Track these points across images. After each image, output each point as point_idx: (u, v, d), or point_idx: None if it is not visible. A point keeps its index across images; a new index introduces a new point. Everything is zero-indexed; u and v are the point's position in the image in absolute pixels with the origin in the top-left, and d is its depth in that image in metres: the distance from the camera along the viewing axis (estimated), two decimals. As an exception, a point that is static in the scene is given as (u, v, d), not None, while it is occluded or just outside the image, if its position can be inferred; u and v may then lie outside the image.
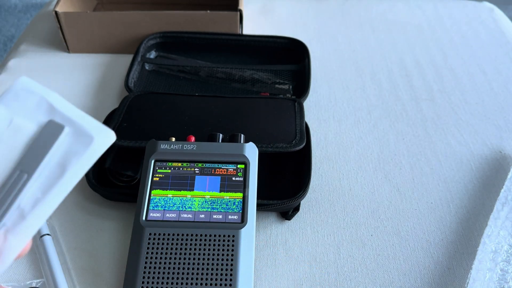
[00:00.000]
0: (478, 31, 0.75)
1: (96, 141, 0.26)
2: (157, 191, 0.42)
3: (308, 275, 0.43)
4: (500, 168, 0.52)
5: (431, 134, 0.57)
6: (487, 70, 0.67)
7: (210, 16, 0.65)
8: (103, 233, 0.46)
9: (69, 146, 0.26)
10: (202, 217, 0.41)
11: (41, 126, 0.26)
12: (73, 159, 0.26)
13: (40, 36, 0.72)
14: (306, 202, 0.48)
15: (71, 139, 0.26)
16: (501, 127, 0.58)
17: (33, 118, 0.27)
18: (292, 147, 0.48)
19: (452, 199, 0.49)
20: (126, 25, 0.65)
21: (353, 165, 0.53)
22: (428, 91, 0.63)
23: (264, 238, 0.45)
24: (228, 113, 0.52)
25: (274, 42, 0.66)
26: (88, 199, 0.48)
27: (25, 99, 0.27)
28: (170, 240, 0.39)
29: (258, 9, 0.79)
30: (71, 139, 0.26)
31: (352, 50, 0.71)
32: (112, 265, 0.43)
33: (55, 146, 0.26)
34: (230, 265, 0.38)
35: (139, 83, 0.61)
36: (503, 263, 0.42)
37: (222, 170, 0.44)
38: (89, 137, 0.26)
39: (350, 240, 0.45)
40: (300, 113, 0.52)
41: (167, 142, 0.44)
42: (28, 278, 0.42)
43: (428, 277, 0.43)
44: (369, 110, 0.60)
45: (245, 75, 0.62)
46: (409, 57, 0.69)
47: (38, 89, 0.28)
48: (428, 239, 0.46)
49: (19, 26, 1.77)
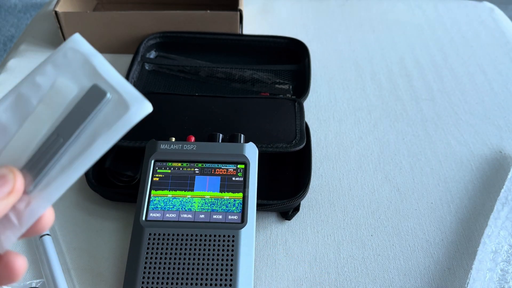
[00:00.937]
0: (478, 31, 0.75)
1: (130, 111, 0.25)
2: (157, 191, 0.42)
3: (308, 275, 0.43)
4: (500, 168, 0.52)
5: (431, 134, 0.57)
6: (487, 70, 0.67)
7: (210, 16, 0.65)
8: (103, 233, 0.46)
9: (104, 114, 0.25)
10: (202, 217, 0.41)
11: (83, 89, 0.26)
12: (104, 128, 0.25)
13: (40, 36, 0.72)
14: (306, 202, 0.48)
15: (109, 107, 0.25)
16: (501, 127, 0.58)
17: (76, 79, 0.26)
18: (292, 147, 0.48)
19: (452, 199, 0.49)
20: (126, 25, 0.65)
21: (353, 165, 0.53)
22: (428, 91, 0.63)
23: (264, 238, 0.45)
24: (228, 113, 0.52)
25: (274, 42, 0.66)
26: (88, 199, 0.48)
27: (71, 59, 0.26)
28: (170, 240, 0.39)
29: (258, 9, 0.79)
30: (109, 107, 0.25)
31: (352, 50, 0.70)
32: (112, 265, 0.43)
33: (93, 113, 0.25)
34: (230, 265, 0.38)
35: (139, 83, 0.61)
36: (503, 263, 0.42)
37: (222, 170, 0.43)
38: (125, 106, 0.25)
39: (350, 240, 0.45)
40: (300, 113, 0.52)
41: (167, 142, 0.44)
42: (28, 278, 0.42)
43: (428, 277, 0.43)
44: (369, 110, 0.60)
45: (245, 75, 0.62)
46: (409, 57, 0.69)
47: (85, 48, 0.27)
48: (428, 239, 0.46)
49: (19, 26, 1.77)
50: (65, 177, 0.25)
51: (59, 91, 0.26)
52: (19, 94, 0.26)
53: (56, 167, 0.25)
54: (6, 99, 0.26)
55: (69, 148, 0.25)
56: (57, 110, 0.25)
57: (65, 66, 0.26)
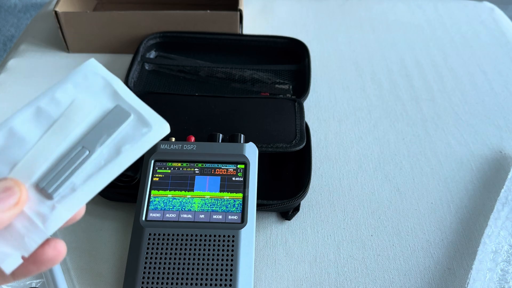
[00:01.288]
0: (479, 31, 0.75)
1: (153, 130, 0.28)
2: (157, 191, 0.42)
3: (308, 275, 0.43)
4: (500, 168, 0.52)
5: (431, 134, 0.57)
6: (487, 70, 0.67)
7: (210, 16, 0.65)
8: (103, 233, 0.46)
9: (128, 132, 0.28)
10: (202, 217, 0.41)
11: (105, 108, 0.28)
12: (129, 144, 0.27)
13: (40, 36, 0.72)
14: (306, 202, 0.48)
15: (131, 125, 0.28)
16: (501, 127, 0.58)
17: (97, 99, 0.28)
18: (292, 147, 0.48)
19: (452, 199, 0.49)
20: (126, 25, 0.65)
21: (353, 165, 0.53)
22: (428, 91, 0.63)
23: (264, 238, 0.45)
24: (228, 113, 0.52)
25: (274, 42, 0.66)
26: (88, 199, 0.48)
27: (92, 81, 0.29)
28: (170, 240, 0.39)
29: (258, 9, 0.79)
30: (131, 125, 0.28)
31: (352, 50, 0.70)
32: (112, 265, 0.43)
33: (118, 130, 0.27)
34: (230, 266, 0.38)
35: (139, 83, 0.61)
36: (503, 263, 0.42)
37: (222, 170, 0.43)
38: (148, 126, 0.28)
39: (350, 240, 0.45)
40: (300, 113, 0.52)
41: (167, 142, 0.44)
42: (28, 278, 0.42)
43: (428, 277, 0.43)
44: (369, 110, 0.60)
45: (245, 75, 0.62)
46: (409, 57, 0.69)
47: (105, 74, 0.29)
48: (428, 239, 0.46)
49: (18, 26, 1.77)
50: (92, 185, 0.27)
51: (80, 108, 0.28)
52: (39, 108, 0.27)
53: (81, 175, 0.27)
54: (25, 112, 0.27)
55: (94, 160, 0.27)
56: (77, 125, 0.27)
57: (85, 87, 0.28)
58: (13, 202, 0.25)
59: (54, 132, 0.27)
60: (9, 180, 0.26)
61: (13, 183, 0.25)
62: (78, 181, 0.27)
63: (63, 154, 0.27)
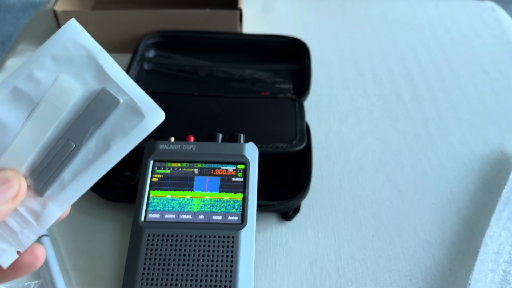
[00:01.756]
0: (480, 30, 0.75)
1: (146, 120, 0.25)
2: (156, 191, 0.42)
3: (309, 276, 0.42)
4: (501, 168, 0.52)
5: (432, 134, 0.56)
6: (489, 70, 0.67)
7: (209, 15, 0.65)
8: (102, 234, 0.45)
9: (117, 121, 0.25)
10: (202, 218, 0.40)
11: (89, 90, 0.25)
12: (118, 137, 0.24)
13: (39, 35, 0.72)
14: (307, 203, 0.48)
15: (120, 114, 0.25)
16: (502, 127, 0.57)
17: (81, 78, 0.25)
18: (293, 147, 0.47)
19: (454, 199, 0.49)
20: (125, 24, 0.65)
21: (354, 165, 0.52)
22: (430, 90, 0.63)
23: (264, 239, 0.45)
24: (228, 113, 0.52)
25: (274, 41, 0.66)
26: (86, 199, 0.48)
27: (73, 53, 0.25)
28: (169, 241, 0.39)
29: (258, 8, 0.79)
30: (120, 114, 0.25)
31: (353, 49, 0.70)
32: (110, 266, 0.43)
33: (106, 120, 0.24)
34: (230, 267, 0.38)
35: (138, 83, 0.60)
36: (505, 264, 0.41)
37: (222, 171, 0.43)
38: (140, 114, 0.25)
39: (351, 241, 0.45)
40: (300, 112, 0.52)
41: (166, 142, 0.44)
42: (26, 279, 0.41)
43: (429, 278, 0.42)
44: (370, 110, 0.60)
45: (245, 74, 0.61)
46: (410, 56, 0.69)
47: (88, 43, 0.25)
48: (430, 240, 0.45)
49: (17, 25, 1.77)
50: (82, 182, 0.25)
51: (63, 90, 0.25)
52: (16, 88, 0.25)
53: (69, 171, 0.25)
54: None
55: (82, 154, 0.25)
56: (61, 110, 0.25)
57: (66, 61, 0.25)
58: (12, 194, 0.24)
59: (36, 120, 0.25)
60: (8, 170, 0.24)
61: (13, 174, 0.24)
62: (67, 177, 0.25)
63: (49, 145, 0.25)
